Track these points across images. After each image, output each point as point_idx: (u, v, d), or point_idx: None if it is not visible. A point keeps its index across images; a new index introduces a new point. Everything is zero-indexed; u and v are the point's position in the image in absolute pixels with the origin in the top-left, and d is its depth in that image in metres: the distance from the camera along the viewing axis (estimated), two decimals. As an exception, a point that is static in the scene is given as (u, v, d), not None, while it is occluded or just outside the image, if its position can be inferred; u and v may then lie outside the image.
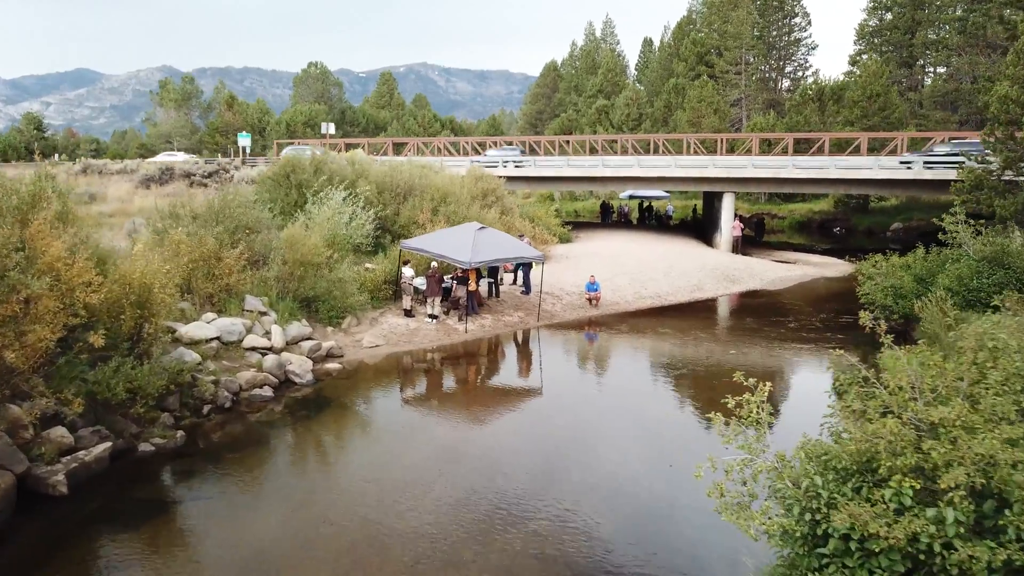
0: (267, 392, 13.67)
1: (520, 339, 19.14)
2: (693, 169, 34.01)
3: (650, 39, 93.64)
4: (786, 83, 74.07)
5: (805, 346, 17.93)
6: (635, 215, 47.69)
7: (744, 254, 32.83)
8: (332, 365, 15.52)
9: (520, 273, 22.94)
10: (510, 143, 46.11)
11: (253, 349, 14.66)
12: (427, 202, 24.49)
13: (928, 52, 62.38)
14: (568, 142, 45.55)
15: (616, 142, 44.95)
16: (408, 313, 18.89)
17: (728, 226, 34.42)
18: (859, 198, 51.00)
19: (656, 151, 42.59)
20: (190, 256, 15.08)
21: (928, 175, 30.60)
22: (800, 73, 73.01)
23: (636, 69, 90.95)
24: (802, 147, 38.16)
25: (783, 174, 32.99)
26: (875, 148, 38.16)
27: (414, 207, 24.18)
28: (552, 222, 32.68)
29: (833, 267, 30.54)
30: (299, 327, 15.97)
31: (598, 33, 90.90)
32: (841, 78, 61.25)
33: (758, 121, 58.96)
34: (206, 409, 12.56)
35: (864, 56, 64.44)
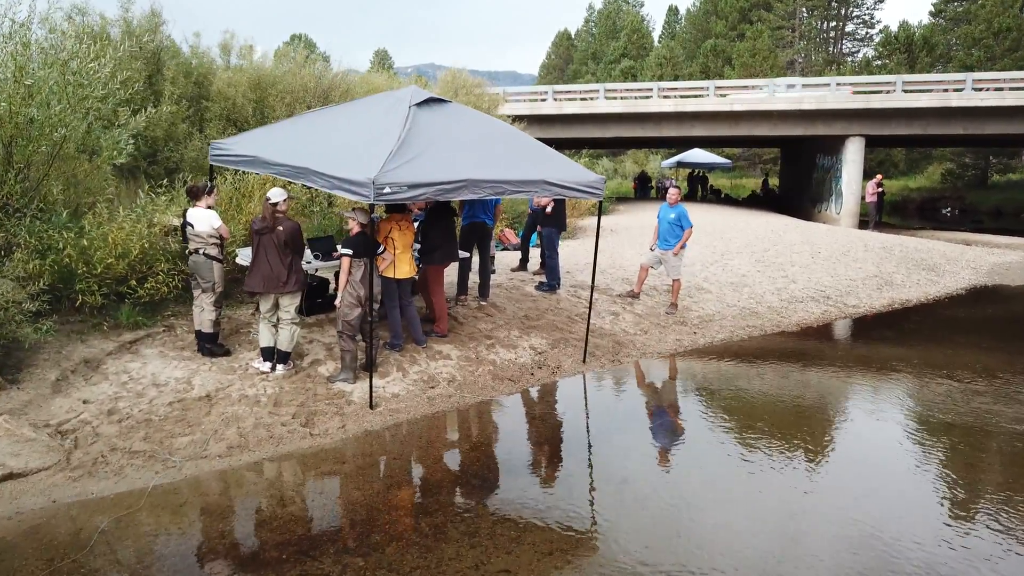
0: None
1: (534, 429, 6.38)
2: (806, 96, 21.56)
3: (675, 7, 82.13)
4: (847, 45, 61.67)
5: None
6: (683, 189, 34.71)
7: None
8: None
9: (539, 248, 10.54)
10: None
11: None
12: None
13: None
14: (596, 92, 32.55)
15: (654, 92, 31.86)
16: (208, 342, 6.54)
17: (853, 188, 22.03)
18: (976, 169, 38.75)
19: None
20: None
21: None
22: (864, 32, 60.74)
23: (660, 42, 78.58)
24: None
25: (954, 101, 20.51)
26: None
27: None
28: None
29: (1054, 250, 18.21)
30: None
31: (619, -7, 78.58)
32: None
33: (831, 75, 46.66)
34: None
35: (953, 4, 52.02)
